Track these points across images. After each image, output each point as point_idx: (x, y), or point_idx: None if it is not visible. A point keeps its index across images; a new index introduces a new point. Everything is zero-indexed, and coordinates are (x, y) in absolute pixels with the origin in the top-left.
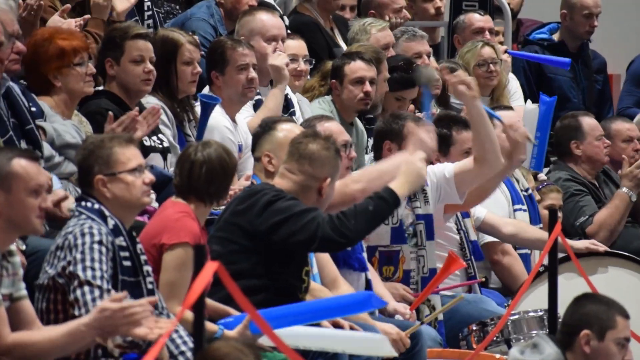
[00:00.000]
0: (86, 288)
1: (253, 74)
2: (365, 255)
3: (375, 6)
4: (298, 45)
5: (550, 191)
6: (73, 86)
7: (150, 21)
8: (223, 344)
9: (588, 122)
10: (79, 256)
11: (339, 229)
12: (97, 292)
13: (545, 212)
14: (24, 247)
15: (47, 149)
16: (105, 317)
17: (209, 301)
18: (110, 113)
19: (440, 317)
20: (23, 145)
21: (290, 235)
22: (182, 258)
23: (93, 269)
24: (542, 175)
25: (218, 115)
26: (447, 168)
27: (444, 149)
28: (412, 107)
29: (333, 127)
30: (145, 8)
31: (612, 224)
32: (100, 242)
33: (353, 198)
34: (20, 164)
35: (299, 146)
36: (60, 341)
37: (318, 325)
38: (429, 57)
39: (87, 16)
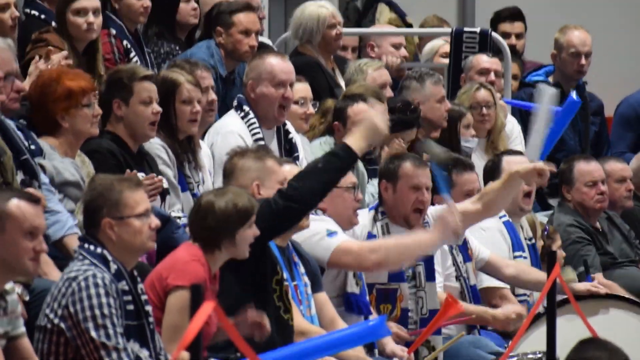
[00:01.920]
0: (102, 352)
1: (213, 96)
2: (367, 297)
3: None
4: (305, 89)
5: (554, 233)
6: (80, 127)
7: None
8: None
9: (579, 167)
10: (88, 313)
11: (289, 194)
12: (114, 355)
13: (561, 254)
14: (27, 298)
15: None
16: None
17: None
18: (128, 171)
19: (440, 356)
20: (20, 175)
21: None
22: (184, 301)
23: (105, 326)
24: (541, 222)
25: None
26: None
27: None
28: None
29: None
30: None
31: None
32: (107, 294)
33: (367, 268)
34: (17, 205)
35: (225, 166)
36: None
37: None
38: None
39: (65, 53)
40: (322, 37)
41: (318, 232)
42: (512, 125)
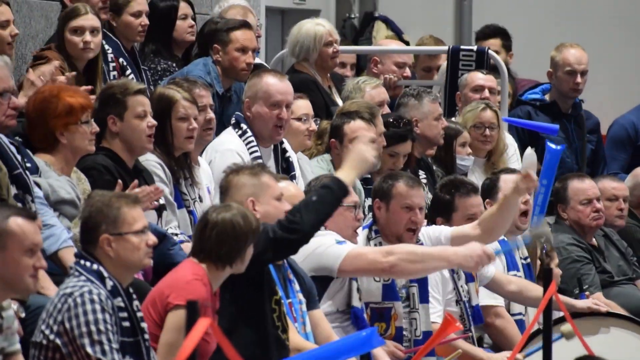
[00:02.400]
0: None
1: (211, 114)
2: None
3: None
4: (307, 105)
5: (552, 251)
6: (78, 144)
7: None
8: None
9: (574, 186)
10: (84, 329)
11: (288, 226)
12: None
13: (558, 272)
14: (23, 315)
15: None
16: None
17: None
18: (120, 182)
19: None
20: (13, 190)
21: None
22: (182, 320)
23: (101, 342)
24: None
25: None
26: (443, 232)
27: (446, 214)
28: None
29: None
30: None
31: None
32: (103, 310)
33: (382, 269)
34: (17, 223)
35: (221, 183)
36: None
37: None
38: (440, 118)
39: (73, 74)
40: (318, 54)
41: (326, 242)
42: (510, 145)
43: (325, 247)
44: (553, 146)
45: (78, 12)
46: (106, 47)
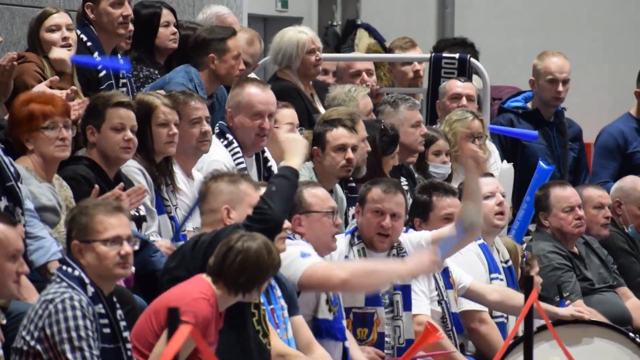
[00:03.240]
0: None
1: (206, 127)
2: (344, 321)
3: (338, 73)
4: (292, 114)
5: (532, 259)
6: (43, 150)
7: (125, 89)
8: None
9: (556, 193)
10: (65, 335)
11: (260, 217)
12: None
13: (538, 280)
14: (4, 321)
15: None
16: None
17: None
18: (96, 186)
19: None
20: (4, 202)
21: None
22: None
23: (82, 348)
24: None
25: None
26: (424, 236)
27: (424, 215)
28: None
29: (319, 193)
30: (121, 75)
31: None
32: (84, 317)
33: (334, 286)
34: (0, 229)
35: (200, 188)
36: None
37: None
38: (419, 125)
39: (73, 89)
40: (301, 62)
41: (291, 254)
42: (490, 151)
43: (289, 260)
44: (544, 166)
45: (50, 12)
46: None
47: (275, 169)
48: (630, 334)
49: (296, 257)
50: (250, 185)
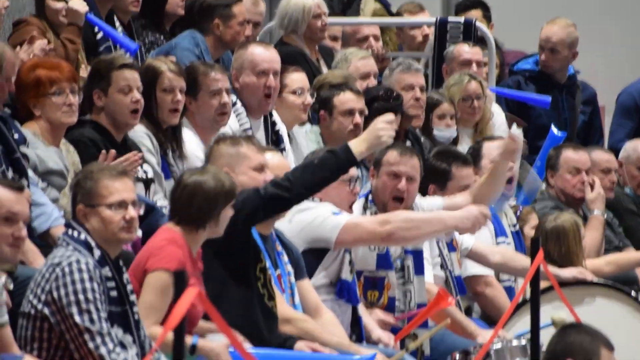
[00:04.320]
0: (86, 336)
1: (226, 98)
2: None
3: (344, 38)
4: (302, 78)
5: (528, 213)
6: (50, 116)
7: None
8: None
9: (566, 154)
10: (72, 298)
11: (281, 183)
12: (98, 340)
13: (532, 234)
14: (11, 286)
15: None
16: None
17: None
18: (112, 151)
19: (427, 351)
20: (10, 173)
21: (239, 213)
22: (160, 282)
23: (89, 311)
24: (511, 201)
25: (191, 143)
26: (436, 203)
27: (441, 183)
28: None
29: None
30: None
31: (597, 246)
32: (91, 279)
33: (380, 238)
34: None
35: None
36: None
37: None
38: (421, 90)
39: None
40: (307, 27)
41: (322, 214)
42: (497, 115)
43: (321, 219)
44: (556, 132)
45: None
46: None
47: (284, 133)
48: (632, 293)
49: (328, 215)
50: (251, 147)
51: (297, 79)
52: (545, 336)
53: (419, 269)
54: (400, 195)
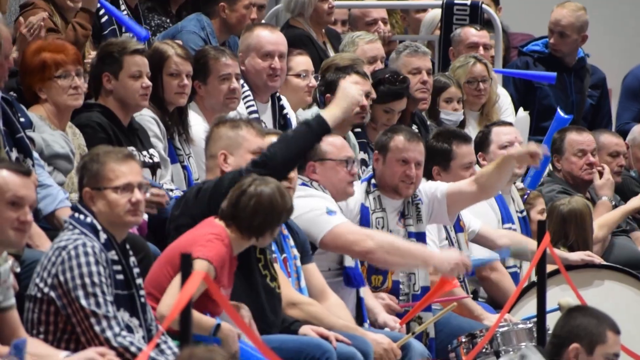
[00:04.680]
0: (92, 320)
1: (235, 84)
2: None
3: (352, 21)
4: (307, 61)
5: (535, 197)
6: (56, 99)
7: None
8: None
9: (571, 137)
10: (78, 282)
11: (259, 160)
12: (104, 323)
13: (538, 218)
14: (18, 270)
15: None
16: None
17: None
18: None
19: (432, 333)
20: (14, 153)
21: (225, 196)
22: (198, 269)
23: (95, 294)
24: (519, 184)
25: (198, 127)
26: (439, 188)
27: (444, 163)
28: None
29: (336, 142)
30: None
31: (607, 231)
32: (97, 263)
33: (358, 252)
34: (2, 175)
35: (206, 135)
36: None
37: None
38: (428, 73)
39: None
40: (314, 10)
41: (317, 208)
42: (504, 97)
43: (314, 215)
44: (562, 114)
45: None
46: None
47: (292, 117)
48: None
49: (322, 212)
50: (250, 131)
51: (301, 61)
52: (552, 319)
53: None
54: (409, 181)
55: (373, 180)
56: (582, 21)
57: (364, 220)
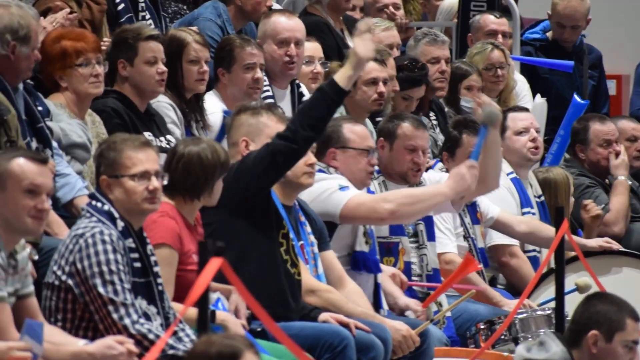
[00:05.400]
0: (110, 307)
1: (259, 74)
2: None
3: (365, 8)
4: (313, 48)
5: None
6: (77, 87)
7: (150, 21)
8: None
9: (595, 128)
10: (96, 269)
11: (284, 135)
12: (122, 310)
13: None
14: (36, 257)
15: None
16: (108, 355)
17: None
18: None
19: (449, 313)
20: (34, 143)
21: (253, 174)
22: (163, 256)
23: (113, 282)
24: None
25: (218, 115)
26: (443, 179)
27: (452, 150)
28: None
29: (359, 130)
30: (140, 8)
31: (625, 210)
32: (114, 250)
33: (381, 217)
34: (19, 163)
35: (226, 123)
36: (64, 358)
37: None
38: (447, 62)
39: (67, 10)
40: None
41: (329, 187)
42: (521, 84)
43: (328, 193)
44: (579, 100)
45: None
46: None
47: None
48: None
49: (335, 189)
50: (271, 117)
51: (308, 48)
52: (570, 305)
53: (431, 235)
54: (417, 169)
55: (376, 167)
56: (587, 7)
57: None
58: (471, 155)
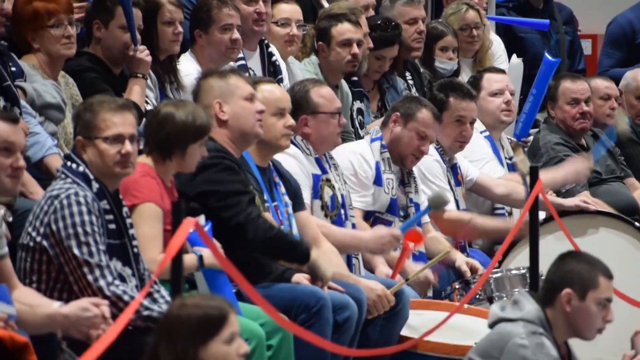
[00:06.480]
0: (85, 269)
1: (237, 35)
2: (347, 222)
3: None
4: (291, 10)
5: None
6: (49, 48)
7: None
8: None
9: (565, 85)
10: (71, 231)
11: (259, 233)
12: (97, 272)
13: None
14: (10, 219)
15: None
16: (83, 318)
17: None
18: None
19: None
20: (2, 102)
21: (219, 209)
22: (146, 214)
23: (88, 244)
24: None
25: (192, 76)
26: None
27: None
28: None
29: (326, 94)
30: None
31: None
32: (89, 212)
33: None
34: None
35: (193, 90)
36: (38, 321)
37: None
38: (424, 22)
39: None
40: None
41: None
42: (497, 44)
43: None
44: (550, 58)
45: None
46: None
47: (282, 65)
48: (636, 224)
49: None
50: (240, 79)
51: (284, 9)
52: (545, 265)
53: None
54: (420, 155)
55: (382, 142)
56: None
57: (378, 178)
58: (401, 227)
